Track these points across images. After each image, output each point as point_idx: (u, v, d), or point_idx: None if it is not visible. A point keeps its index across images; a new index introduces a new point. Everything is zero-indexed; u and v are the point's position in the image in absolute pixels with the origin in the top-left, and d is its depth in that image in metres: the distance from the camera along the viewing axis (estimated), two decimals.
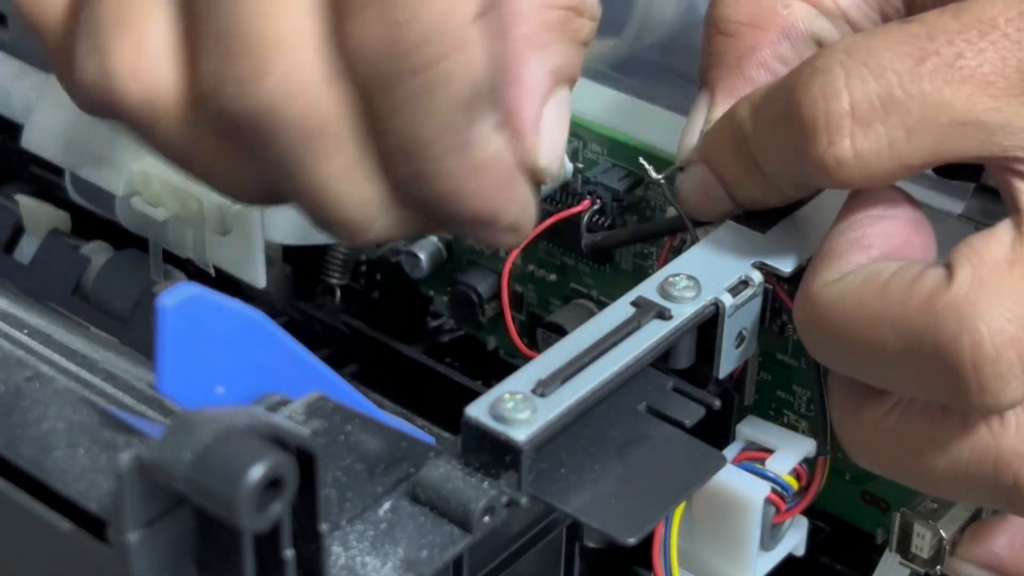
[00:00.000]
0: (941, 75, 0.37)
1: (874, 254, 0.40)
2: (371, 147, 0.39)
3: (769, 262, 0.43)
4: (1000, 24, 0.37)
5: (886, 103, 0.37)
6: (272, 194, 0.41)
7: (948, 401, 0.38)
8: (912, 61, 0.37)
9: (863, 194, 0.41)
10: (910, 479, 0.41)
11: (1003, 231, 0.38)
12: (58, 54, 0.41)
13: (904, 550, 0.46)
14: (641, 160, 0.47)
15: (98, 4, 0.39)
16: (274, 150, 0.38)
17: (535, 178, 0.42)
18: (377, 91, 0.38)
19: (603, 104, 0.51)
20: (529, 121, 0.41)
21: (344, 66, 0.38)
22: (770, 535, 0.44)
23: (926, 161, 0.38)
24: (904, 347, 0.38)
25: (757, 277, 0.43)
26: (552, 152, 0.42)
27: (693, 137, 0.44)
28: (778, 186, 0.42)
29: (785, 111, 0.39)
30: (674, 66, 0.54)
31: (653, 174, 0.46)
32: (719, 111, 0.44)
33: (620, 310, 0.41)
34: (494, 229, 0.41)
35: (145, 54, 0.38)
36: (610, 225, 0.50)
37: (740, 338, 0.43)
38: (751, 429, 0.45)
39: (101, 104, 0.39)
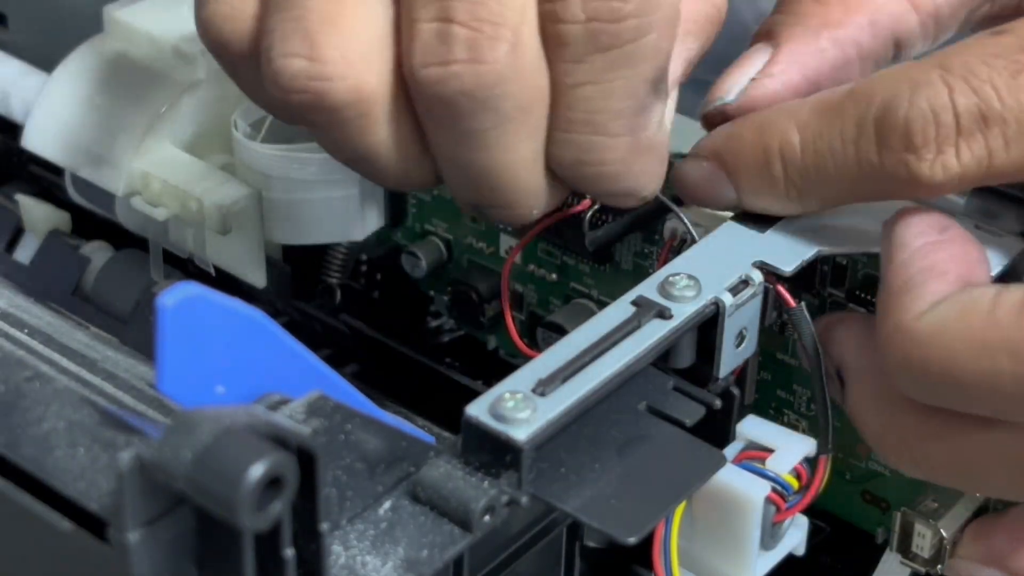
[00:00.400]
0: None
1: (951, 279, 0.39)
2: (550, 125, 0.41)
3: (769, 261, 0.43)
4: None
5: (987, 115, 0.38)
6: (439, 180, 0.43)
7: None
8: (1008, 73, 0.38)
9: (909, 220, 0.41)
10: (955, 480, 0.42)
11: None
12: (246, 65, 0.42)
13: (905, 550, 0.46)
14: None
15: (301, 6, 0.40)
16: (475, 131, 0.40)
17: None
18: (582, 62, 0.40)
19: None
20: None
21: (554, 39, 0.40)
22: (770, 534, 0.44)
23: (1020, 168, 0.39)
24: (1009, 370, 0.38)
25: (757, 276, 0.43)
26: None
27: (739, 81, 0.44)
28: (809, 201, 0.42)
29: (878, 123, 0.39)
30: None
31: None
32: (779, 68, 0.43)
33: (620, 309, 0.41)
34: (631, 200, 0.44)
35: (355, 49, 0.39)
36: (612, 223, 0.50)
37: (740, 337, 0.43)
38: (751, 428, 0.45)
39: (305, 99, 0.40)
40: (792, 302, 0.43)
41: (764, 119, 0.42)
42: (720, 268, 0.43)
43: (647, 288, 0.42)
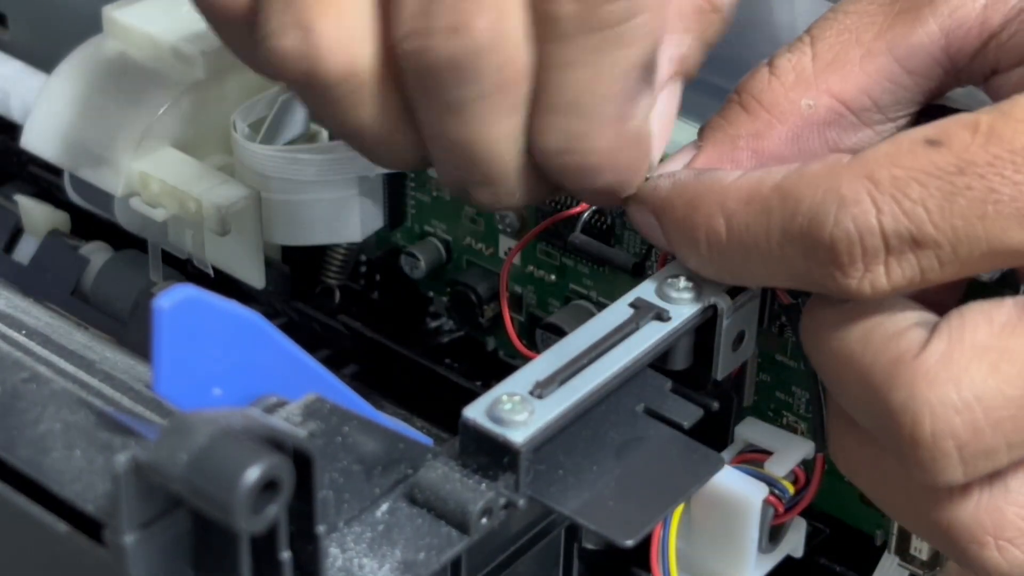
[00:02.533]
0: (974, 211, 0.36)
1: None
2: (535, 109, 0.41)
3: None
4: None
5: (918, 239, 0.37)
6: (425, 160, 0.43)
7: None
8: (942, 195, 0.37)
9: None
10: (883, 508, 0.41)
11: (1004, 310, 0.37)
12: (242, 34, 0.41)
13: (903, 552, 0.46)
14: None
15: None
16: (457, 102, 0.40)
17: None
18: (569, 41, 0.39)
19: None
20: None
21: (541, 17, 0.39)
22: (768, 537, 0.44)
23: (959, 276, 0.38)
24: (865, 398, 0.38)
25: None
26: (659, 138, 0.43)
27: (667, 169, 0.43)
28: (735, 280, 0.42)
29: (803, 234, 0.38)
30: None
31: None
32: (695, 169, 0.43)
33: (618, 311, 0.41)
34: (612, 199, 0.43)
35: (346, 24, 0.40)
36: (610, 226, 0.50)
37: (738, 340, 0.43)
38: (750, 431, 0.45)
39: (298, 75, 0.40)
40: (787, 298, 0.43)
41: (694, 195, 0.41)
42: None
43: (645, 290, 0.42)
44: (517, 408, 0.38)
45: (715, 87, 0.48)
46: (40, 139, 0.54)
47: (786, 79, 0.42)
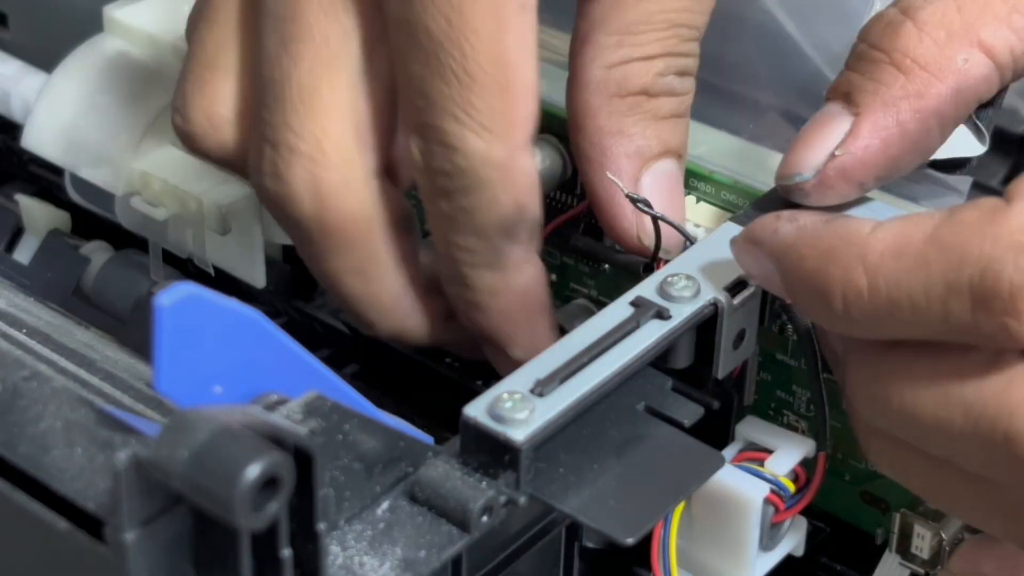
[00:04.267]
0: None
1: None
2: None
3: None
4: None
5: None
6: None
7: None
8: None
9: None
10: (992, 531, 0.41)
11: None
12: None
13: (904, 551, 0.46)
14: None
15: (186, 72, 0.46)
16: (299, 243, 0.46)
17: (644, 253, 0.46)
18: (426, 196, 0.44)
19: None
20: (621, 207, 0.45)
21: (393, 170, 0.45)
22: (769, 535, 0.44)
23: None
24: (978, 441, 0.37)
25: None
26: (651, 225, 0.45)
27: (820, 154, 0.42)
28: (867, 333, 0.39)
29: (974, 286, 0.37)
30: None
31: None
32: (861, 143, 0.42)
33: (619, 310, 0.41)
34: (500, 354, 0.46)
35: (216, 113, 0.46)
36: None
37: (739, 338, 0.43)
38: (750, 429, 0.45)
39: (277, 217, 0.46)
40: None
41: (829, 248, 0.39)
42: (719, 268, 0.43)
43: (646, 288, 0.42)
44: (518, 406, 0.38)
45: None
46: (41, 138, 0.54)
47: (938, 35, 0.41)
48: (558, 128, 0.48)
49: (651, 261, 0.46)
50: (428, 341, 0.48)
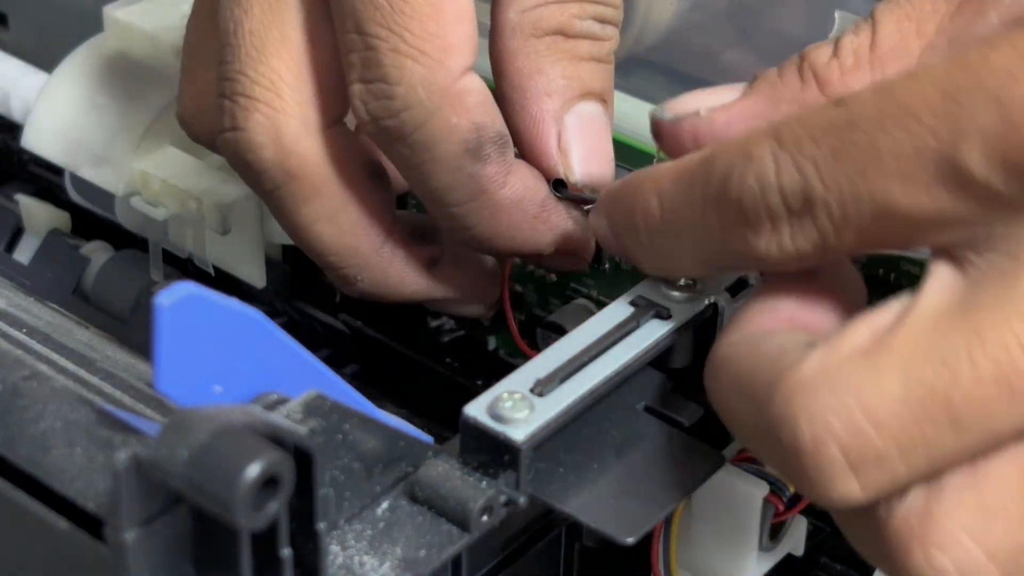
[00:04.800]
0: (856, 167, 0.35)
1: (783, 317, 0.38)
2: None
3: None
4: (920, 111, 0.34)
5: (811, 198, 0.35)
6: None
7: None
8: (830, 152, 0.35)
9: None
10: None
11: (887, 313, 0.35)
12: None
13: None
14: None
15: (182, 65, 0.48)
16: (263, 193, 0.46)
17: (577, 192, 0.45)
18: (389, 151, 0.44)
19: None
20: (545, 143, 0.45)
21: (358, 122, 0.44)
22: (769, 535, 0.44)
23: (860, 250, 0.37)
24: (751, 422, 0.36)
25: (756, 277, 0.43)
26: (586, 165, 0.45)
27: (691, 106, 0.42)
28: (673, 268, 0.41)
29: (718, 197, 0.37)
30: (674, 66, 0.54)
31: None
32: (724, 117, 0.41)
33: (619, 310, 0.41)
34: (548, 260, 0.46)
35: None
36: None
37: None
38: None
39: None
40: None
41: (636, 180, 0.40)
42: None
43: (646, 288, 0.42)
44: (518, 406, 0.38)
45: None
46: (41, 138, 0.54)
47: (845, 61, 0.41)
48: None
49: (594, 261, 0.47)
50: (412, 295, 0.48)
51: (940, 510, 0.35)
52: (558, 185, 0.45)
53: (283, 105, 0.44)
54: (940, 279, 0.35)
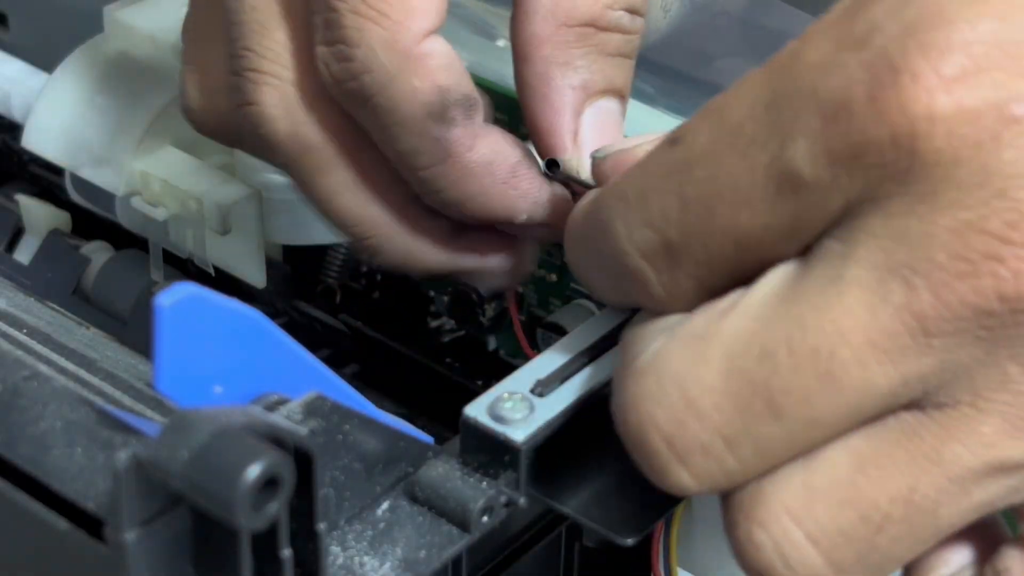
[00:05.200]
0: (703, 209, 0.35)
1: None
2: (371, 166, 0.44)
3: None
4: (746, 129, 0.34)
5: (671, 248, 0.36)
6: None
7: None
8: (676, 196, 0.35)
9: None
10: None
11: (725, 302, 0.35)
12: None
13: None
14: None
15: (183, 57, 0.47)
16: (283, 166, 0.45)
17: (586, 188, 0.44)
18: (352, 113, 0.43)
19: None
20: (562, 136, 0.44)
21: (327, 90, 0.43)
22: None
23: (743, 275, 0.36)
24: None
25: None
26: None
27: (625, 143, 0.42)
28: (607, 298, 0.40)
29: (597, 255, 0.38)
30: (674, 66, 0.54)
31: None
32: None
33: (619, 310, 0.41)
34: (521, 228, 0.45)
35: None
36: None
37: None
38: None
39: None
40: None
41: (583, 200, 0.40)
42: None
43: None
44: (518, 406, 0.38)
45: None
46: (41, 139, 0.54)
47: None
48: None
49: None
50: (438, 265, 0.47)
51: (768, 490, 0.35)
52: (551, 165, 0.45)
53: (291, 76, 0.44)
54: (777, 269, 0.35)
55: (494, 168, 0.44)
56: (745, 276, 0.35)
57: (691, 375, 0.35)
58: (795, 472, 0.35)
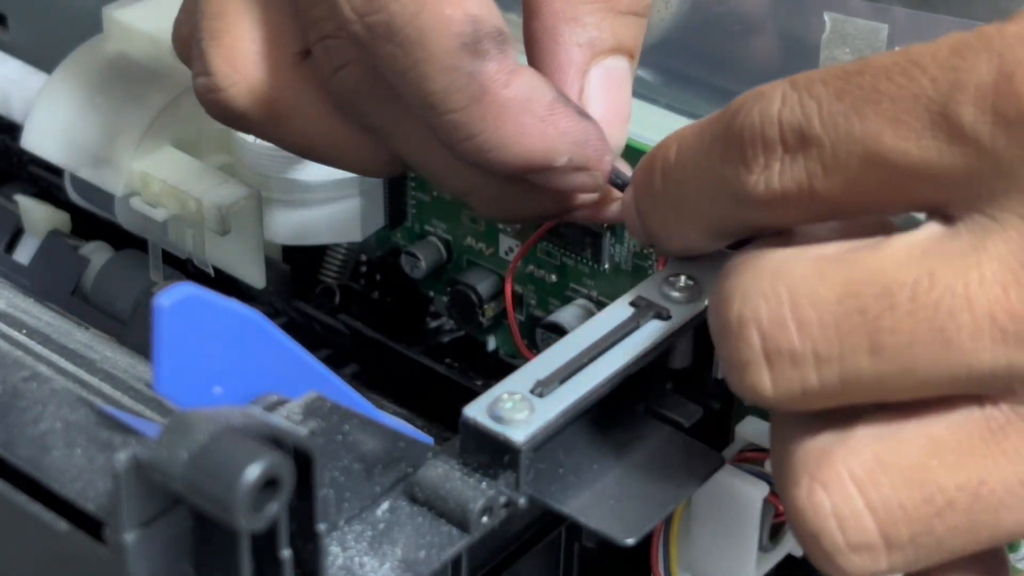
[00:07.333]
0: (854, 108, 0.35)
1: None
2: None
3: None
4: (925, 63, 0.35)
5: (807, 135, 0.35)
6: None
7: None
8: (835, 92, 0.35)
9: None
10: None
11: (866, 240, 0.36)
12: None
13: None
14: None
15: (197, 30, 0.45)
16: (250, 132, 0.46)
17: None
18: (375, 56, 0.41)
19: None
20: (567, 93, 0.43)
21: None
22: (769, 535, 0.44)
23: (845, 206, 0.36)
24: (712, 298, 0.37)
25: None
26: (604, 121, 0.43)
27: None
28: (691, 230, 0.40)
29: (725, 134, 0.37)
30: (674, 66, 0.54)
31: None
32: None
33: (619, 310, 0.41)
34: (561, 174, 0.43)
35: (237, 58, 0.45)
36: (609, 225, 0.50)
37: None
38: (750, 429, 0.45)
39: (217, 114, 0.45)
40: None
41: (664, 139, 0.40)
42: (719, 268, 0.42)
43: (646, 289, 0.42)
44: (518, 407, 0.38)
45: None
46: (40, 139, 0.54)
47: None
48: None
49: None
50: (499, 200, 0.45)
51: (838, 452, 0.35)
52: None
53: (244, 44, 0.43)
54: (924, 228, 0.35)
55: (532, 105, 0.42)
56: (846, 200, 0.36)
57: (808, 286, 0.35)
58: (868, 443, 0.35)
